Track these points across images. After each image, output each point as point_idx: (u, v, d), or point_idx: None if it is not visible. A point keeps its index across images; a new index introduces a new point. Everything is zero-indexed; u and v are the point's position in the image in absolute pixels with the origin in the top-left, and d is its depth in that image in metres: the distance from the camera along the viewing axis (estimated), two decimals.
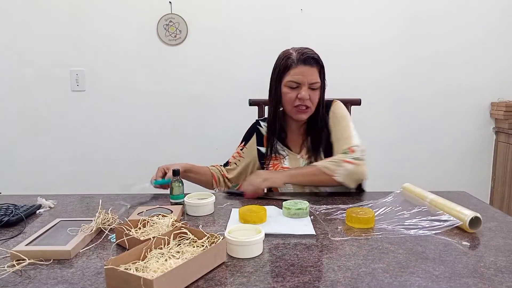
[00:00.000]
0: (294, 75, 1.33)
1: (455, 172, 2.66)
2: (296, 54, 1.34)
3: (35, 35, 2.46)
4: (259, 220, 1.04)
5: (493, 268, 0.80)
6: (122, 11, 2.47)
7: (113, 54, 2.51)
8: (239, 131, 2.57)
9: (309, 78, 1.33)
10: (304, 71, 1.32)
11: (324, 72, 1.38)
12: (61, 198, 1.29)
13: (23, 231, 1.01)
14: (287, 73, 1.34)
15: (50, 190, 2.41)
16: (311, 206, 1.15)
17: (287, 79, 1.34)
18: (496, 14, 2.56)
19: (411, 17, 2.55)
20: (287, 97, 1.35)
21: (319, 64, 1.35)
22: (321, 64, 1.36)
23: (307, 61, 1.32)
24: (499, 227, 1.02)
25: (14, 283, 0.75)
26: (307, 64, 1.32)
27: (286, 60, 1.34)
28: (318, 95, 1.37)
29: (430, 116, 2.64)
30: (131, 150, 2.60)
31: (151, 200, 1.30)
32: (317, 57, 1.35)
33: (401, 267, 0.80)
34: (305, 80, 1.32)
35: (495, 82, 2.62)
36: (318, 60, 1.35)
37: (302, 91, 1.33)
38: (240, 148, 1.54)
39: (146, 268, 0.74)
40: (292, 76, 1.33)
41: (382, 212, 1.12)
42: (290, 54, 1.35)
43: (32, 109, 2.53)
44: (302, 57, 1.32)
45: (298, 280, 0.75)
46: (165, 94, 2.56)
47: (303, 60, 1.32)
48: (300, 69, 1.32)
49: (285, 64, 1.34)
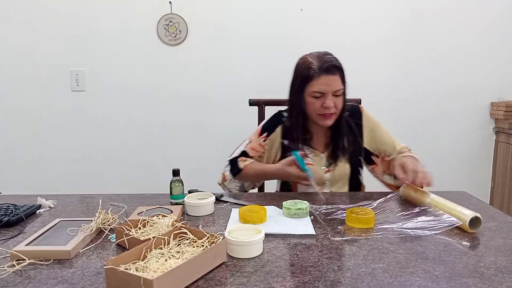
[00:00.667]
0: (318, 86, 1.31)
1: (455, 172, 2.66)
2: (318, 63, 1.31)
3: (35, 35, 2.46)
4: (259, 220, 1.04)
5: (493, 268, 0.80)
6: (122, 11, 2.47)
7: (113, 54, 2.51)
8: (239, 131, 2.58)
9: (333, 87, 1.31)
10: (328, 80, 1.30)
11: (344, 76, 1.36)
12: (61, 198, 1.29)
13: (23, 231, 1.01)
14: (310, 84, 1.32)
15: (50, 190, 2.41)
16: (311, 206, 1.15)
17: (311, 90, 1.32)
18: (496, 14, 2.56)
19: (411, 17, 2.55)
20: (312, 106, 1.35)
21: (340, 70, 1.33)
22: (342, 70, 1.34)
23: (330, 70, 1.30)
24: (499, 227, 1.02)
25: (14, 283, 0.75)
26: (329, 73, 1.30)
27: (307, 71, 1.32)
28: (342, 100, 1.36)
29: (430, 116, 2.64)
30: (131, 150, 2.60)
31: (151, 200, 1.29)
32: (338, 64, 1.33)
33: (401, 267, 0.80)
34: (329, 89, 1.31)
35: (495, 82, 2.62)
36: (339, 66, 1.33)
37: (327, 100, 1.31)
38: (262, 140, 1.48)
39: (146, 268, 0.74)
40: (315, 86, 1.31)
41: (382, 212, 1.12)
42: (311, 64, 1.32)
43: (32, 109, 2.53)
44: (324, 66, 1.30)
45: (298, 280, 0.75)
46: (165, 94, 2.56)
47: (326, 69, 1.30)
48: (323, 80, 1.30)
49: (307, 75, 1.32)
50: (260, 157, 1.48)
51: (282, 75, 2.54)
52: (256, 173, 1.42)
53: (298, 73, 1.36)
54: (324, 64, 1.30)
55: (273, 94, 2.49)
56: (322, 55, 1.34)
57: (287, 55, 2.54)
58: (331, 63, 1.31)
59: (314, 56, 1.34)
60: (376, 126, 1.47)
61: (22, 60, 2.48)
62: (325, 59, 1.31)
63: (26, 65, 2.49)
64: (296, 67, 1.38)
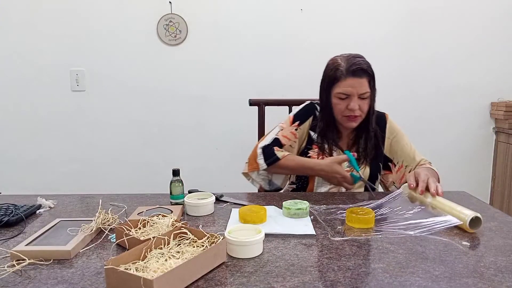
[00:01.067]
0: (343, 87, 1.32)
1: (455, 172, 2.66)
2: (345, 65, 1.31)
3: (35, 35, 2.46)
4: (259, 220, 1.04)
5: (493, 268, 0.80)
6: (122, 11, 2.47)
7: (113, 54, 2.51)
8: (239, 131, 2.59)
9: (358, 90, 1.31)
10: (353, 83, 1.31)
11: (374, 80, 1.36)
12: (61, 198, 1.29)
13: (23, 231, 1.01)
14: (336, 85, 1.33)
15: (50, 190, 2.41)
16: (311, 206, 1.15)
17: (336, 91, 1.33)
18: (496, 13, 2.56)
19: (411, 17, 2.55)
20: (337, 107, 1.35)
21: (368, 73, 1.33)
22: (371, 73, 1.34)
23: (356, 73, 1.30)
24: (499, 227, 1.02)
25: (14, 283, 0.75)
26: (356, 76, 1.30)
27: (334, 72, 1.33)
28: (368, 103, 1.36)
29: (430, 116, 2.64)
30: (131, 150, 2.60)
31: (151, 200, 1.29)
32: (366, 67, 1.32)
33: (401, 267, 0.80)
34: (355, 92, 1.31)
35: (495, 82, 2.62)
36: (367, 70, 1.33)
37: (352, 102, 1.32)
38: (294, 128, 1.46)
39: (146, 268, 0.74)
40: (341, 88, 1.32)
41: (382, 212, 1.12)
42: (339, 65, 1.32)
43: (32, 109, 2.53)
44: (351, 69, 1.30)
45: (298, 280, 0.75)
46: (165, 94, 2.56)
47: (352, 72, 1.30)
48: (349, 82, 1.31)
49: (333, 76, 1.33)
50: (291, 146, 1.45)
51: (282, 75, 2.57)
52: (297, 165, 1.39)
53: (326, 73, 1.37)
54: (352, 66, 1.30)
55: (273, 94, 2.50)
56: (351, 57, 1.34)
57: (287, 55, 2.56)
58: (359, 66, 1.30)
59: (343, 57, 1.35)
60: (399, 136, 1.48)
61: (22, 60, 2.48)
62: (354, 62, 1.31)
63: (26, 65, 2.49)
64: (326, 67, 1.39)
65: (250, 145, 1.51)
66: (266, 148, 1.42)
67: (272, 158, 1.39)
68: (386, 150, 1.48)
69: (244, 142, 2.53)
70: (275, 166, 1.39)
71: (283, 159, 1.38)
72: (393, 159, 1.48)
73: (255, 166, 1.42)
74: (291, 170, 1.42)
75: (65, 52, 2.49)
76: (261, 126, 1.75)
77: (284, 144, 1.44)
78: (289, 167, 1.40)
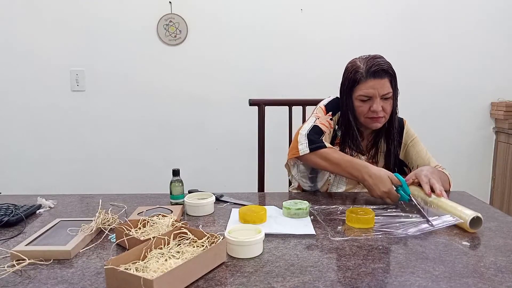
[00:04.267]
0: (364, 89, 1.30)
1: (455, 172, 2.63)
2: (365, 67, 1.29)
3: (35, 35, 2.47)
4: (259, 220, 1.04)
5: (493, 268, 0.80)
6: (122, 11, 2.47)
7: (113, 54, 2.51)
8: (239, 131, 2.59)
9: (380, 91, 1.29)
10: (374, 84, 1.29)
11: (396, 80, 1.34)
12: (61, 198, 1.29)
13: (23, 231, 1.01)
14: (357, 87, 1.31)
15: (50, 190, 2.42)
16: (311, 206, 1.15)
17: (358, 93, 1.31)
18: (496, 13, 2.56)
19: (411, 17, 2.55)
20: (360, 110, 1.34)
21: (389, 73, 1.31)
22: (392, 73, 1.32)
23: (377, 74, 1.28)
24: (499, 227, 1.02)
25: (14, 283, 0.75)
26: (377, 77, 1.28)
27: (354, 74, 1.31)
28: (391, 104, 1.35)
29: (430, 116, 2.64)
30: (131, 150, 2.60)
31: (151, 200, 1.29)
32: (386, 68, 1.30)
33: (401, 267, 0.80)
34: (376, 93, 1.29)
35: (495, 82, 2.63)
36: (388, 70, 1.30)
37: (374, 103, 1.30)
38: (330, 118, 1.40)
39: (146, 268, 0.74)
40: (362, 90, 1.30)
41: (382, 212, 1.12)
42: (358, 68, 1.31)
43: (32, 109, 2.53)
44: (371, 70, 1.28)
45: (298, 280, 0.75)
46: (165, 94, 2.56)
47: (373, 73, 1.28)
48: (370, 83, 1.29)
49: (354, 78, 1.31)
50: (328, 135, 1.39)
51: (282, 75, 2.57)
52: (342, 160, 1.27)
53: (346, 76, 1.35)
54: (372, 68, 1.28)
55: (273, 94, 2.50)
56: (371, 58, 1.32)
57: (287, 55, 2.56)
58: (379, 66, 1.28)
59: (362, 59, 1.33)
60: (415, 141, 1.47)
61: (22, 60, 2.48)
62: (373, 63, 1.29)
63: (26, 65, 2.49)
64: (345, 71, 1.37)
65: (250, 145, 1.50)
66: (310, 134, 1.33)
67: (317, 144, 1.30)
68: (401, 155, 1.48)
69: (244, 142, 2.55)
70: (317, 155, 1.29)
71: (329, 148, 1.30)
72: (408, 164, 1.47)
73: (294, 152, 1.33)
74: (332, 163, 1.28)
75: (65, 52, 2.49)
76: (261, 126, 1.75)
77: (324, 132, 1.37)
78: (332, 160, 1.27)
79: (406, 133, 1.48)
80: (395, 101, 1.38)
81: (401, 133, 1.47)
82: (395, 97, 1.37)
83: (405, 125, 1.50)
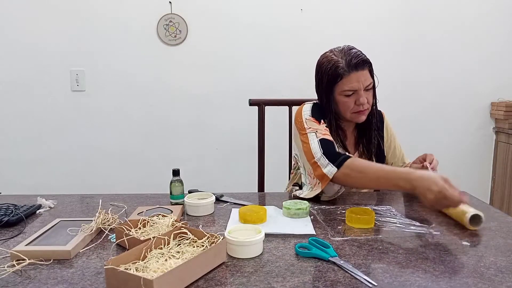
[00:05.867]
0: (349, 84, 1.25)
1: (455, 172, 2.66)
2: (345, 61, 1.24)
3: (35, 35, 2.46)
4: (259, 220, 1.04)
5: (493, 268, 0.80)
6: (122, 11, 2.47)
7: (113, 54, 2.51)
8: (239, 131, 2.59)
9: (364, 83, 1.26)
10: (358, 77, 1.25)
11: (372, 69, 1.30)
12: (61, 198, 1.29)
13: (23, 231, 1.01)
14: (340, 83, 1.26)
15: (50, 190, 2.41)
16: (311, 206, 1.15)
17: (342, 89, 1.26)
18: (496, 13, 2.56)
19: (411, 17, 2.55)
20: (345, 105, 1.29)
21: (368, 63, 1.27)
22: (370, 62, 1.28)
23: (359, 66, 1.24)
24: (499, 227, 1.02)
25: (14, 283, 0.75)
26: (359, 69, 1.25)
27: (335, 69, 1.25)
28: (372, 94, 1.32)
29: (430, 116, 2.64)
30: (131, 150, 2.60)
31: (151, 200, 1.29)
32: (365, 58, 1.26)
33: (401, 267, 0.80)
34: (361, 86, 1.26)
35: (495, 82, 2.62)
36: (367, 60, 1.27)
37: (360, 96, 1.26)
38: (325, 126, 1.31)
39: (146, 268, 0.74)
40: (346, 85, 1.25)
41: (382, 212, 1.12)
42: (338, 62, 1.25)
43: (32, 109, 2.53)
44: (352, 63, 1.24)
45: (298, 280, 0.75)
46: (165, 94, 2.56)
47: (355, 65, 1.24)
48: (354, 77, 1.24)
49: (335, 74, 1.25)
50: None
51: (282, 75, 2.57)
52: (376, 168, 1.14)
53: (324, 73, 1.28)
54: (352, 60, 1.24)
55: (273, 94, 2.50)
56: (348, 50, 1.27)
57: (287, 55, 2.56)
58: (359, 58, 1.24)
59: (338, 52, 1.28)
60: (392, 137, 1.47)
61: (22, 60, 2.48)
62: (352, 55, 1.25)
63: (26, 65, 2.49)
64: (321, 67, 1.30)
65: (250, 145, 1.50)
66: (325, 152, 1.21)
67: (340, 157, 1.17)
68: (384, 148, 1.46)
69: (244, 142, 2.55)
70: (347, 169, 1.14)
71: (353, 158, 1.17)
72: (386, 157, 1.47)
73: (325, 178, 1.18)
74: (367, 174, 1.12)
75: (65, 52, 2.49)
76: (261, 126, 1.75)
77: (333, 141, 1.26)
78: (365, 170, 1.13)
79: (386, 126, 1.47)
80: (375, 89, 1.35)
81: (382, 126, 1.45)
82: (374, 85, 1.33)
83: (384, 118, 1.48)
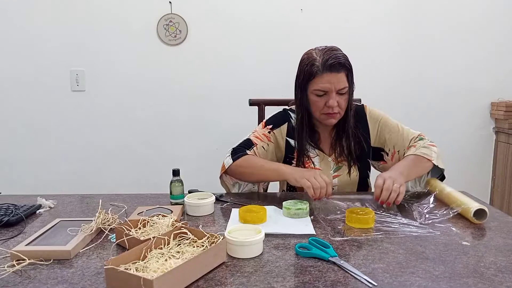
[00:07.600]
0: (320, 84, 1.25)
1: (455, 172, 2.66)
2: (321, 60, 1.24)
3: (35, 35, 2.46)
4: (259, 220, 1.04)
5: (493, 268, 0.80)
6: (122, 11, 2.47)
7: (113, 54, 2.51)
8: (239, 131, 2.57)
9: (336, 85, 1.24)
10: (331, 78, 1.24)
11: (352, 74, 1.29)
12: (61, 198, 1.29)
13: (23, 231, 1.01)
14: (313, 81, 1.26)
15: (50, 190, 2.41)
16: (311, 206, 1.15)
17: (313, 88, 1.27)
18: (496, 13, 2.56)
19: (411, 17, 2.55)
20: (315, 105, 1.29)
21: (346, 67, 1.26)
22: (349, 67, 1.27)
23: (333, 68, 1.23)
24: (499, 227, 1.02)
25: (14, 283, 0.75)
26: (333, 71, 1.23)
27: (310, 67, 1.25)
28: (346, 99, 1.30)
29: (430, 116, 2.64)
30: (131, 150, 2.60)
31: (151, 200, 1.29)
32: (343, 61, 1.25)
33: (401, 267, 0.80)
34: (332, 88, 1.24)
35: (495, 82, 2.62)
36: (345, 64, 1.26)
37: (330, 98, 1.25)
38: (267, 131, 1.39)
39: (146, 268, 0.74)
40: (318, 84, 1.25)
41: (382, 212, 1.12)
42: (314, 60, 1.25)
43: (32, 109, 2.53)
44: (327, 63, 1.23)
45: (298, 280, 0.75)
46: (165, 94, 2.56)
47: (329, 67, 1.23)
48: (326, 77, 1.24)
49: (309, 71, 1.26)
50: (263, 148, 1.37)
51: (282, 75, 2.56)
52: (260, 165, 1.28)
53: (302, 69, 1.29)
54: (328, 61, 1.23)
55: (273, 94, 2.49)
56: (328, 50, 1.26)
57: (287, 55, 2.55)
58: (336, 60, 1.23)
59: (319, 51, 1.27)
60: (383, 120, 1.41)
61: (22, 60, 2.48)
62: (330, 55, 1.24)
63: (26, 65, 2.49)
64: (301, 62, 1.31)
65: None
66: (236, 148, 1.36)
67: (238, 154, 1.31)
68: (374, 141, 1.41)
69: None
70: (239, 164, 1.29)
71: (248, 156, 1.31)
72: (384, 148, 1.41)
73: (222, 168, 1.34)
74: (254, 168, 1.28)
75: (65, 52, 2.49)
76: None
77: (256, 144, 1.36)
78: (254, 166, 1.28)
79: (370, 117, 1.41)
80: (351, 96, 1.32)
81: (365, 120, 1.41)
82: (351, 92, 1.31)
83: (366, 110, 1.43)
